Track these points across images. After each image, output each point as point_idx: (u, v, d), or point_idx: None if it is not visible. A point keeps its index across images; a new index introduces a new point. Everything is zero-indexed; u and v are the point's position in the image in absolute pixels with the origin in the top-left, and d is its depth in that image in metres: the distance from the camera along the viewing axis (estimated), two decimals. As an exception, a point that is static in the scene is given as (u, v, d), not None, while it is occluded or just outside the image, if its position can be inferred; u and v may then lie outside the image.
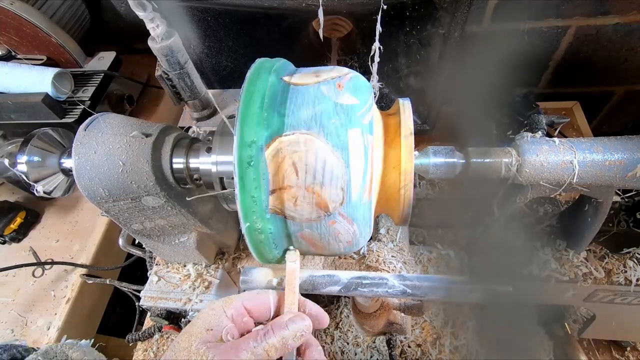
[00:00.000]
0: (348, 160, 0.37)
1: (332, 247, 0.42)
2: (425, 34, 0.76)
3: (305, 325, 0.40)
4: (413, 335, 0.76)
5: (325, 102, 0.38)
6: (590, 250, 0.61)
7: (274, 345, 0.37)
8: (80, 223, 1.00)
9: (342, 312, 0.80)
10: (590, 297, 0.62)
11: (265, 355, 0.37)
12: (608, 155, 0.43)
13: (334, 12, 0.83)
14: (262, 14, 0.82)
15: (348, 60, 0.91)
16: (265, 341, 0.37)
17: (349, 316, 0.79)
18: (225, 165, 0.45)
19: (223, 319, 0.39)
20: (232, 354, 0.36)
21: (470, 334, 0.79)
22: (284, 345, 0.38)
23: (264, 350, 0.37)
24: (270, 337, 0.37)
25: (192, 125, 0.80)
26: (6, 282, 0.92)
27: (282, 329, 0.38)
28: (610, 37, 1.02)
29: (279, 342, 0.37)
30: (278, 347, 0.37)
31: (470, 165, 0.45)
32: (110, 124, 0.48)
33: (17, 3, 0.93)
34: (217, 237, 0.64)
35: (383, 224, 0.65)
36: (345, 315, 0.80)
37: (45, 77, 0.91)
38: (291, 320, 0.39)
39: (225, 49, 0.89)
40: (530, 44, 1.06)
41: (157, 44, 0.65)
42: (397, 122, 0.42)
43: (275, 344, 0.37)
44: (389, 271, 0.58)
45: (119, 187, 0.47)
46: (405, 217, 0.43)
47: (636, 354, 0.77)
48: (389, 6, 0.60)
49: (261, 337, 0.37)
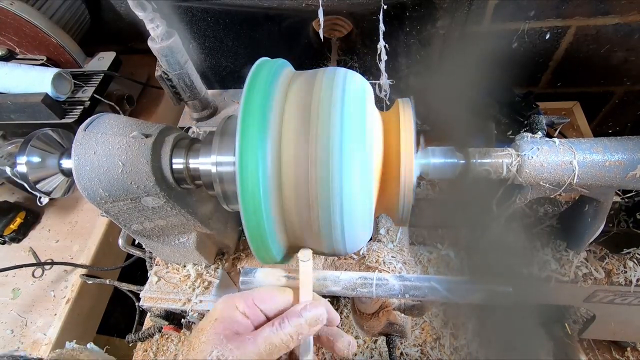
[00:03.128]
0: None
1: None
2: (425, 34, 0.76)
3: (320, 312, 0.40)
4: (413, 335, 0.76)
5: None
6: (590, 250, 0.60)
7: (289, 333, 0.37)
8: (80, 223, 1.00)
9: (342, 312, 0.80)
10: (590, 297, 0.62)
11: (282, 344, 0.37)
12: (608, 155, 0.43)
13: (334, 12, 0.83)
14: (262, 14, 0.83)
15: (348, 60, 0.91)
16: (282, 330, 0.37)
17: (349, 316, 0.79)
18: (225, 165, 0.45)
19: (236, 313, 0.39)
20: (250, 343, 0.36)
21: (470, 334, 0.79)
22: (299, 333, 0.38)
23: (280, 340, 0.37)
24: (286, 326, 0.37)
25: (192, 126, 0.80)
26: (6, 282, 0.92)
27: (297, 317, 0.38)
28: (610, 37, 1.02)
29: (294, 330, 0.37)
30: (293, 335, 0.37)
31: (470, 165, 0.45)
32: (110, 125, 0.48)
33: (17, 3, 0.93)
34: (217, 238, 0.64)
35: (383, 224, 0.65)
36: (345, 315, 0.80)
37: (45, 77, 0.91)
38: (305, 309, 0.39)
39: (225, 49, 0.89)
40: (530, 43, 1.06)
41: (157, 44, 0.65)
42: (397, 122, 0.42)
43: (291, 333, 0.37)
44: (389, 271, 0.58)
45: (119, 187, 0.47)
46: (405, 217, 0.43)
47: (636, 354, 0.77)
48: (389, 6, 0.60)
49: (277, 326, 0.37)
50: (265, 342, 0.36)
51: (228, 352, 0.35)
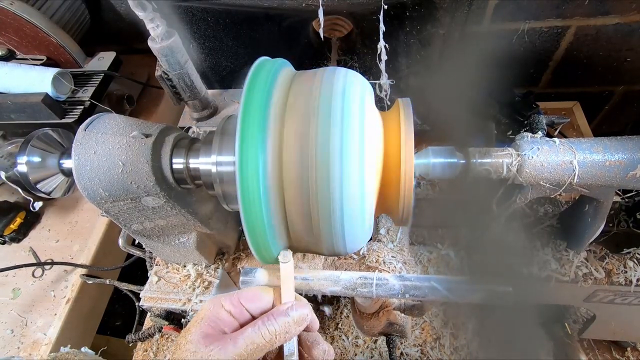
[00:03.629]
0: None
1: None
2: (425, 34, 0.76)
3: (306, 312, 0.40)
4: (413, 335, 0.76)
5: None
6: (591, 250, 0.60)
7: (274, 331, 0.37)
8: (80, 223, 1.00)
9: (342, 312, 0.80)
10: (590, 297, 0.62)
11: (265, 343, 0.37)
12: (608, 155, 0.43)
13: (334, 12, 0.83)
14: (262, 14, 0.83)
15: (348, 60, 0.91)
16: (266, 327, 0.37)
17: (349, 316, 0.79)
18: (225, 165, 0.45)
19: (222, 312, 0.39)
20: (231, 342, 0.36)
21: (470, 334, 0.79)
22: (287, 331, 0.38)
23: (263, 338, 0.37)
24: (272, 324, 0.37)
25: (192, 126, 0.80)
26: (6, 282, 0.92)
27: (283, 316, 0.38)
28: (610, 37, 1.02)
29: (281, 327, 0.37)
30: (279, 332, 0.37)
31: (470, 165, 0.45)
32: (110, 124, 0.48)
33: (17, 3, 0.93)
34: (217, 237, 0.64)
35: (383, 224, 0.65)
36: (345, 315, 0.80)
37: (45, 77, 0.91)
38: (291, 308, 0.39)
39: (225, 49, 0.89)
40: (530, 43, 1.06)
41: (157, 44, 0.65)
42: (397, 122, 0.42)
43: (277, 330, 0.37)
44: (389, 271, 0.58)
45: (119, 187, 0.47)
46: (406, 217, 0.43)
47: (636, 354, 0.77)
48: (389, 6, 0.60)
49: (260, 324, 0.37)
50: (247, 342, 0.36)
51: (206, 355, 0.35)
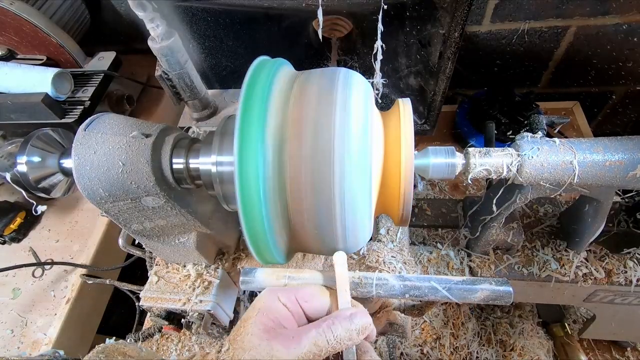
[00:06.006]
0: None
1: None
2: (425, 34, 0.76)
3: (369, 322, 0.38)
4: (413, 335, 0.76)
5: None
6: (591, 250, 0.61)
7: (339, 336, 0.36)
8: (80, 223, 1.00)
9: (342, 312, 0.80)
10: (590, 297, 0.62)
11: (328, 347, 0.35)
12: (608, 155, 0.43)
13: (334, 12, 0.83)
14: (262, 14, 0.82)
15: (348, 60, 0.91)
16: (331, 331, 0.36)
17: (349, 316, 0.79)
18: (225, 165, 0.45)
19: (279, 305, 0.38)
20: (294, 341, 0.35)
21: (470, 334, 0.79)
22: (349, 338, 0.36)
23: (328, 342, 0.35)
24: (337, 329, 0.36)
25: (192, 125, 0.80)
26: (6, 282, 0.92)
27: (347, 322, 0.37)
28: (610, 37, 1.02)
29: (344, 334, 0.36)
30: (343, 339, 0.36)
31: (470, 165, 0.45)
32: (110, 124, 0.48)
33: (17, 3, 0.93)
34: (217, 237, 0.64)
35: (383, 224, 0.65)
36: (345, 315, 0.80)
37: (45, 77, 0.91)
38: (355, 315, 0.38)
39: (225, 49, 0.89)
40: (530, 43, 1.06)
41: (157, 44, 0.65)
42: (397, 122, 0.42)
43: (341, 336, 0.36)
44: (389, 271, 0.58)
45: (119, 187, 0.47)
46: (406, 217, 0.43)
47: (636, 354, 0.77)
48: (389, 6, 0.60)
49: (325, 327, 0.36)
50: (310, 343, 0.35)
51: (269, 351, 0.34)
